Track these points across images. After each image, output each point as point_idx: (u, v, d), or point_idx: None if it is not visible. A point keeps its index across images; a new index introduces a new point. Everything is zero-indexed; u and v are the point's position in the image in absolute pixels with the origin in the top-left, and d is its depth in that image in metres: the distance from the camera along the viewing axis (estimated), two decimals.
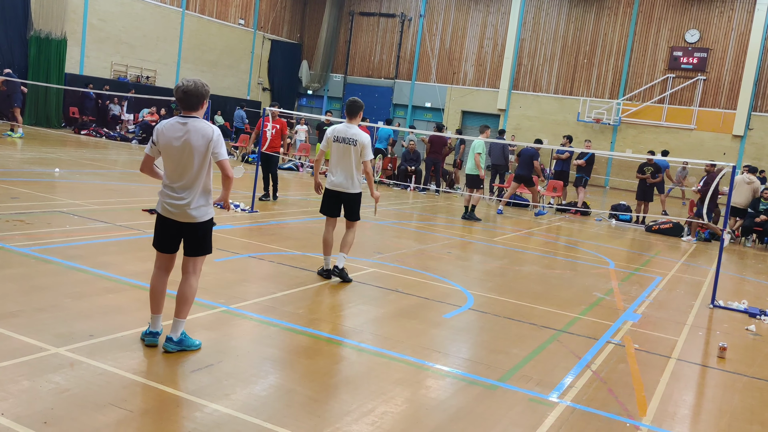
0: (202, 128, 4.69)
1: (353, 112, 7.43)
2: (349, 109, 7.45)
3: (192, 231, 4.79)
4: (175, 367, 4.56)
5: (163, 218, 4.81)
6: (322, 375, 4.74)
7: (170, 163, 4.72)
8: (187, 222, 4.75)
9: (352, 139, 7.31)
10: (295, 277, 7.36)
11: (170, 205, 4.73)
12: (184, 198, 4.70)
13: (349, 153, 7.33)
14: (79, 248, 7.43)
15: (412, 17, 35.87)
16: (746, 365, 6.12)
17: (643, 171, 17.26)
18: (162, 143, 4.70)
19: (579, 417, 4.50)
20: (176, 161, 4.68)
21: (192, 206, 4.72)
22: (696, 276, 10.53)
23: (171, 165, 4.72)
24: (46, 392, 3.91)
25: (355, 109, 7.44)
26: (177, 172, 4.70)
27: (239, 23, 34.26)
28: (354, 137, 7.31)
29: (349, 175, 7.39)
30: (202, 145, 4.66)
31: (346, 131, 7.38)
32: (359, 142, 7.30)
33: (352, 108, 7.45)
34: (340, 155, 7.37)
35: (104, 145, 21.62)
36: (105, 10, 27.38)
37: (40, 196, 10.39)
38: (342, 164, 7.39)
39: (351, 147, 7.31)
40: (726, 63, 29.40)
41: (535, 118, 32.86)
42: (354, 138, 7.31)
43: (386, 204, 15.37)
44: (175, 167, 4.70)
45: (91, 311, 5.41)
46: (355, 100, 7.49)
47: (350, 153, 7.33)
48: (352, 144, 7.31)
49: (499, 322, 6.63)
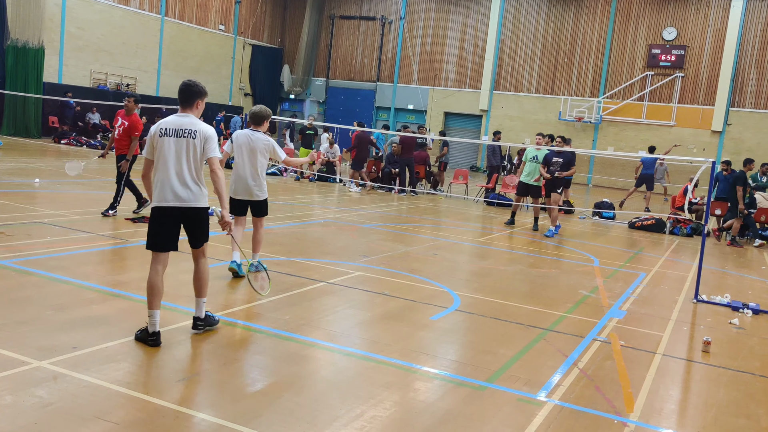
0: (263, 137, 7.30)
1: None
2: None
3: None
4: (160, 378, 4.51)
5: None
6: (310, 381, 4.72)
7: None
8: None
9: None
10: (281, 283, 7.33)
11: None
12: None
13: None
14: (60, 259, 7.34)
15: (392, 20, 35.92)
16: (730, 359, 6.18)
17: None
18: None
19: (567, 415, 4.52)
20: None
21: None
22: (679, 271, 10.63)
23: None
24: (29, 407, 3.85)
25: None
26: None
27: (219, 29, 34.11)
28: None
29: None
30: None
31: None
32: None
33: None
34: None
35: (85, 154, 21.40)
36: (83, 18, 27.14)
37: (20, 207, 10.26)
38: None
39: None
40: (703, 60, 29.75)
41: (517, 118, 33.03)
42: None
43: (371, 207, 15.37)
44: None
45: (74, 323, 5.35)
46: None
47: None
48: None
49: (485, 322, 6.65)
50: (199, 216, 5.20)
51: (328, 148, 21.08)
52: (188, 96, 5.17)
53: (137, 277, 6.95)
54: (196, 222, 5.20)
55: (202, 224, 5.25)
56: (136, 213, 10.59)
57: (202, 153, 5.08)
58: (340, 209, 14.49)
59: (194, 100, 5.18)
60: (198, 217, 5.19)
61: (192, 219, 5.17)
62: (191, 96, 5.17)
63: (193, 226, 5.22)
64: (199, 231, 5.26)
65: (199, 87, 5.21)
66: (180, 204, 5.08)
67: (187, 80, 5.26)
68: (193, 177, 5.09)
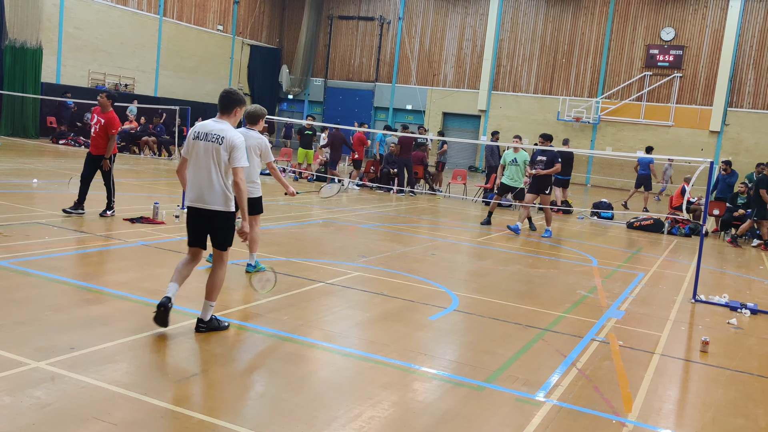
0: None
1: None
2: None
3: None
4: (159, 378, 4.51)
5: None
6: (308, 381, 4.71)
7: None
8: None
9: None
10: (280, 283, 7.32)
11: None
12: None
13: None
14: (58, 260, 7.33)
15: (390, 20, 35.93)
16: (729, 359, 6.19)
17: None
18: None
19: (566, 415, 4.52)
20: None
21: None
22: (677, 271, 10.64)
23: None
24: (27, 407, 3.85)
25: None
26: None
27: (218, 29, 34.10)
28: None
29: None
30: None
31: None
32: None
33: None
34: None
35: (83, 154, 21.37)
36: (81, 18, 27.12)
37: (18, 207, 10.25)
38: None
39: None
40: (701, 60, 29.79)
41: (516, 118, 33.05)
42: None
43: (369, 207, 15.38)
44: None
45: (72, 323, 5.34)
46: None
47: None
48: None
49: (484, 322, 6.65)
50: (222, 220, 5.29)
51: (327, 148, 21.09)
52: (227, 103, 5.38)
53: (135, 277, 6.95)
54: (218, 225, 5.31)
55: (224, 229, 5.34)
56: (103, 216, 10.14)
57: (228, 160, 5.21)
58: (338, 209, 14.48)
59: (233, 108, 5.40)
60: (220, 221, 5.29)
61: (213, 221, 5.28)
62: (230, 104, 5.39)
63: (214, 229, 5.34)
64: (221, 234, 5.34)
65: (239, 95, 5.46)
66: (203, 206, 5.25)
67: (228, 89, 5.50)
68: (219, 181, 5.22)
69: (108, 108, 10.05)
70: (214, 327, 5.43)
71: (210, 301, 5.38)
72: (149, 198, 12.51)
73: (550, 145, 13.33)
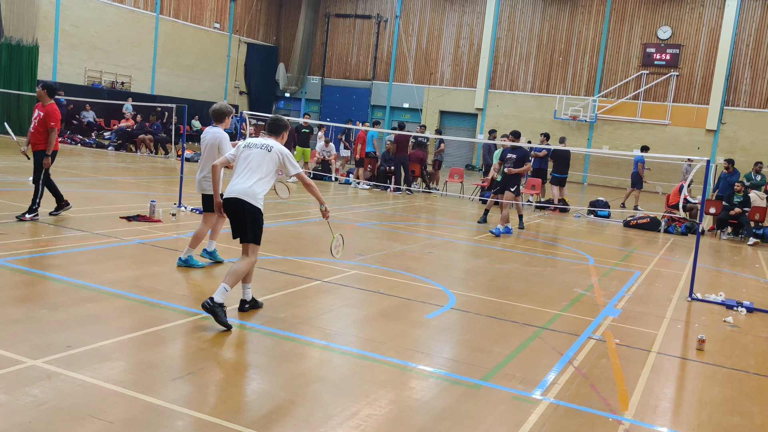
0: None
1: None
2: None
3: None
4: (155, 376, 4.50)
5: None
6: (305, 379, 4.71)
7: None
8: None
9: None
10: (276, 281, 7.32)
11: None
12: None
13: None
14: (55, 258, 7.32)
15: (388, 18, 35.90)
16: (725, 357, 6.20)
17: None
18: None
19: (562, 413, 4.52)
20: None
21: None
22: (674, 270, 10.66)
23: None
24: (23, 406, 3.84)
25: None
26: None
27: (214, 27, 34.03)
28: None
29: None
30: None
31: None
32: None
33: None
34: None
35: (79, 152, 21.35)
36: (77, 15, 27.03)
37: (14, 205, 10.21)
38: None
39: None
40: (698, 59, 29.84)
41: (513, 117, 33.06)
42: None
43: (367, 205, 15.37)
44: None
45: (69, 322, 5.33)
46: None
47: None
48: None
49: (481, 320, 6.65)
50: (252, 212, 5.78)
51: (323, 146, 21.06)
52: (275, 128, 6.09)
53: (132, 275, 6.94)
54: (248, 216, 5.78)
55: (254, 221, 5.81)
56: (55, 215, 9.71)
57: (277, 163, 5.85)
58: (335, 207, 14.48)
59: (280, 132, 6.11)
60: (251, 212, 5.78)
61: (246, 212, 5.77)
62: (278, 129, 6.10)
63: (245, 220, 5.81)
64: (251, 226, 5.80)
65: (285, 122, 6.15)
66: (239, 196, 5.76)
67: (275, 116, 6.23)
68: (260, 181, 5.81)
69: (47, 100, 9.37)
70: (218, 315, 5.50)
71: (246, 284, 6.02)
72: (146, 196, 12.49)
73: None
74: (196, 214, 11.18)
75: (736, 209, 15.12)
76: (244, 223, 5.82)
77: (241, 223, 5.83)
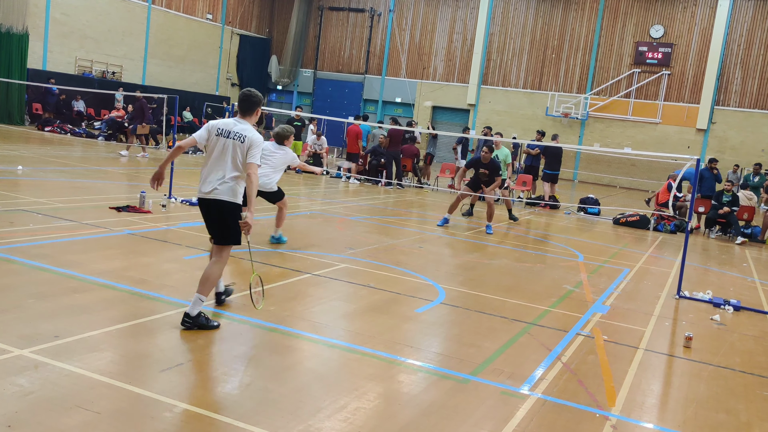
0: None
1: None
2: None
3: None
4: (143, 367, 4.49)
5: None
6: (294, 372, 4.71)
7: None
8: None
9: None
10: (267, 274, 7.30)
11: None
12: None
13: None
14: (43, 247, 7.26)
15: (381, 12, 35.81)
16: (711, 354, 6.25)
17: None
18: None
19: (550, 409, 4.55)
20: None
21: None
22: (662, 267, 10.72)
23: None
24: (9, 395, 3.81)
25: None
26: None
27: (207, 18, 33.82)
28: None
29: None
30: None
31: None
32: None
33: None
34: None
35: (69, 141, 21.18)
36: (68, 3, 26.78)
37: (2, 194, 10.13)
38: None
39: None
40: (689, 58, 29.96)
41: (505, 113, 33.10)
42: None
43: (357, 199, 15.35)
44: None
45: (56, 311, 5.30)
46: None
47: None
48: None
49: (470, 315, 6.67)
50: (227, 210, 5.32)
51: (315, 139, 21.01)
52: (249, 105, 5.48)
53: (120, 266, 6.90)
54: (222, 215, 5.35)
55: (226, 220, 5.36)
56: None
57: (244, 156, 5.30)
58: (326, 201, 14.45)
59: (254, 109, 5.50)
60: (226, 211, 5.33)
61: (219, 211, 5.34)
62: (252, 106, 5.49)
63: (218, 220, 5.39)
64: (223, 226, 5.38)
65: (259, 97, 5.53)
66: (212, 197, 5.32)
67: (247, 90, 5.52)
68: (233, 176, 5.31)
69: None
70: (202, 324, 5.23)
71: (199, 295, 5.25)
72: (136, 187, 12.42)
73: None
74: (186, 205, 11.13)
75: (725, 208, 15.24)
76: (225, 225, 5.36)
77: (222, 224, 5.38)
